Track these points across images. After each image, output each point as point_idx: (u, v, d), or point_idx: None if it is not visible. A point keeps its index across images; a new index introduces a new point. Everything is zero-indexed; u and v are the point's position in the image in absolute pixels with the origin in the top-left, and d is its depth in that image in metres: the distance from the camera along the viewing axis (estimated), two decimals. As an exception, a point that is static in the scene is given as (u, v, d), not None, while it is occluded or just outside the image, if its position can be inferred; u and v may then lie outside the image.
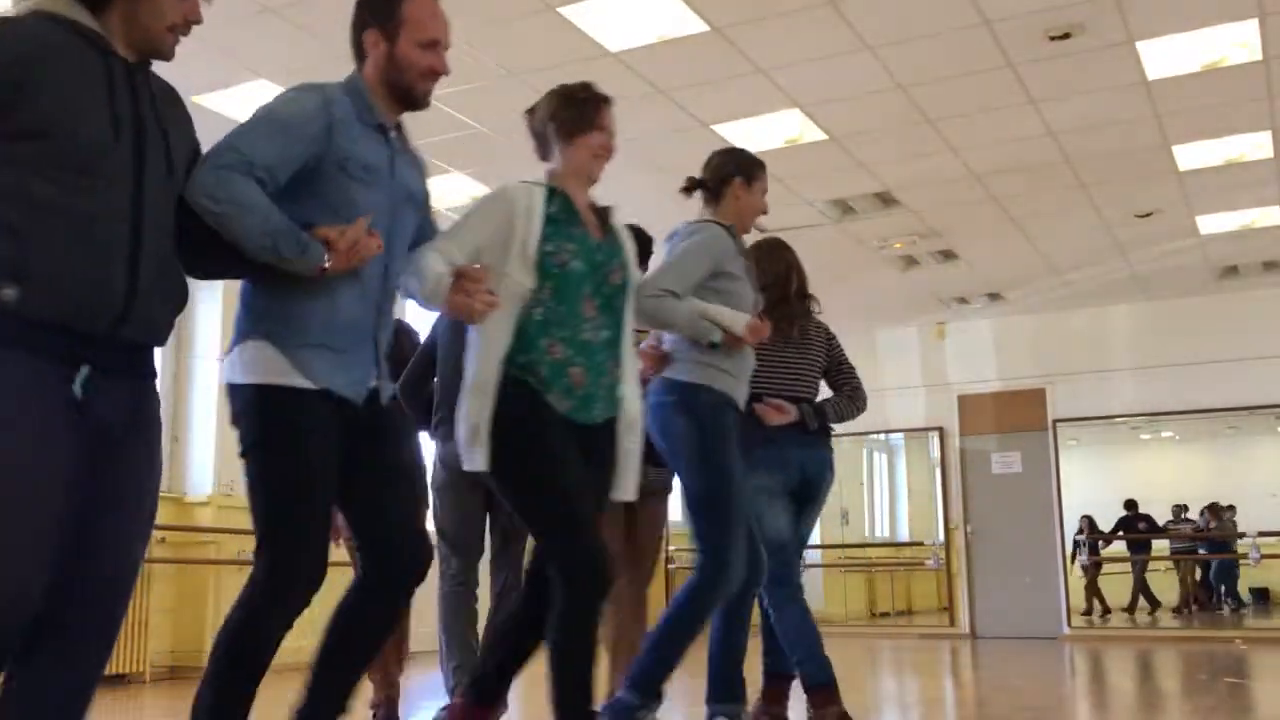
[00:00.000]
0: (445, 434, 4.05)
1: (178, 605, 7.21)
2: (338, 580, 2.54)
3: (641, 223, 9.32)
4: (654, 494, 3.98)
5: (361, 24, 2.51)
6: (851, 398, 4.05)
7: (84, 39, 1.91)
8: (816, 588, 13.64)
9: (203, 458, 7.49)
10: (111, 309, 1.88)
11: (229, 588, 7.36)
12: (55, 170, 1.83)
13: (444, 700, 4.07)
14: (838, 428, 3.96)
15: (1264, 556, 12.23)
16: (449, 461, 4.01)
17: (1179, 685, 6.68)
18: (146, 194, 1.94)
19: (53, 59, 1.85)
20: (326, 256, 2.24)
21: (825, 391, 4.10)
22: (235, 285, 7.49)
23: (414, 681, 5.56)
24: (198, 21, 2.06)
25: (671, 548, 12.39)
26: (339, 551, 7.81)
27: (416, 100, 2.49)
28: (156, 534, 6.96)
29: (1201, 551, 12.98)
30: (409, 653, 4.48)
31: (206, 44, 5.63)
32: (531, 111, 3.08)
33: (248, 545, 8.65)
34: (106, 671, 7.14)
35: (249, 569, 2.40)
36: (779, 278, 3.99)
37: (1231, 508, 12.33)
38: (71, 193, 1.83)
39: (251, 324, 2.35)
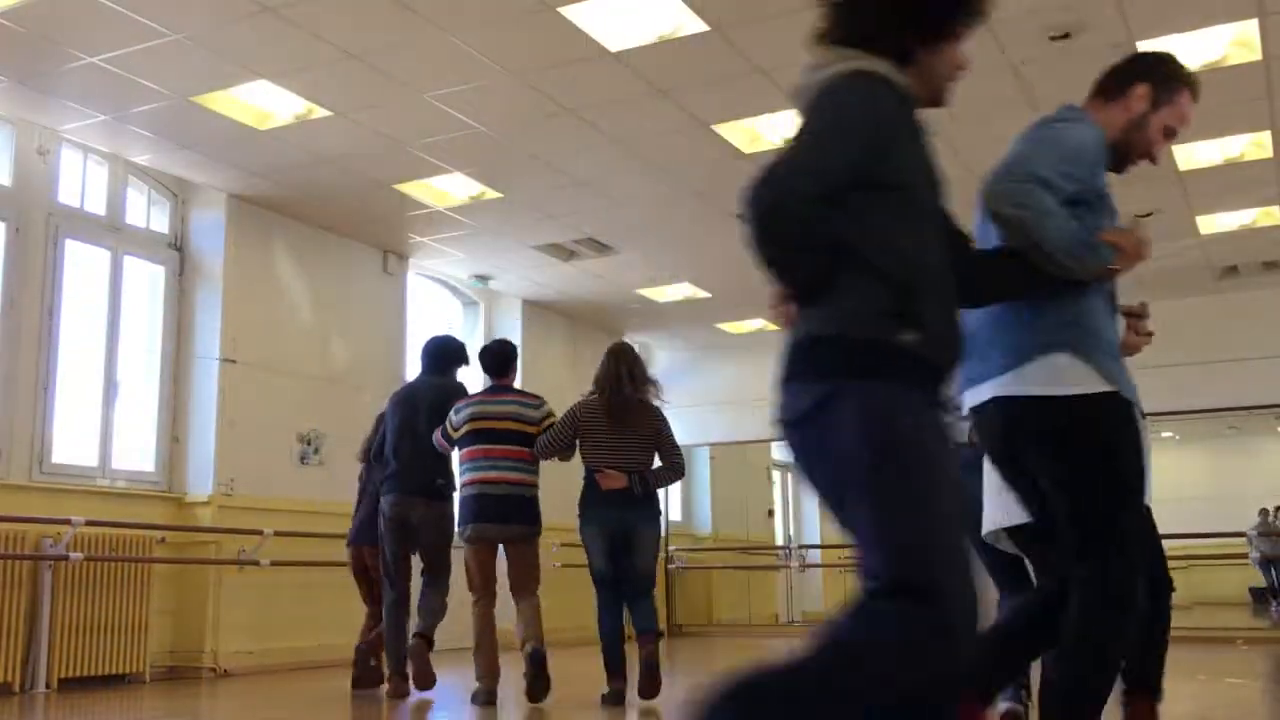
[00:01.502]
0: (388, 489, 5.83)
1: (178, 605, 7.21)
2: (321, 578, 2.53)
3: (642, 223, 9.36)
4: (524, 540, 5.48)
5: (1139, 74, 2.68)
6: (669, 470, 5.37)
7: (904, 96, 2.00)
8: (816, 588, 13.66)
9: (203, 458, 7.48)
10: (956, 347, 2.01)
11: (229, 587, 7.36)
12: (910, 222, 1.93)
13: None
14: None
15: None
16: (389, 512, 5.80)
17: (1179, 685, 6.66)
18: (947, 238, 2.08)
19: (899, 116, 1.97)
20: (1115, 257, 2.45)
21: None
22: (236, 287, 7.46)
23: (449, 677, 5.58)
24: (966, 68, 2.11)
25: (672, 548, 12.47)
26: (333, 553, 7.70)
27: (1125, 164, 2.70)
28: (155, 534, 6.97)
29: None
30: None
31: (206, 44, 5.63)
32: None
33: (247, 545, 8.60)
34: (106, 671, 7.08)
35: (249, 569, 2.39)
36: (615, 378, 5.28)
37: None
38: (921, 244, 1.94)
39: (1050, 336, 2.51)
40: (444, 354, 6.12)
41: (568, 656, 6.37)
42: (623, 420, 5.25)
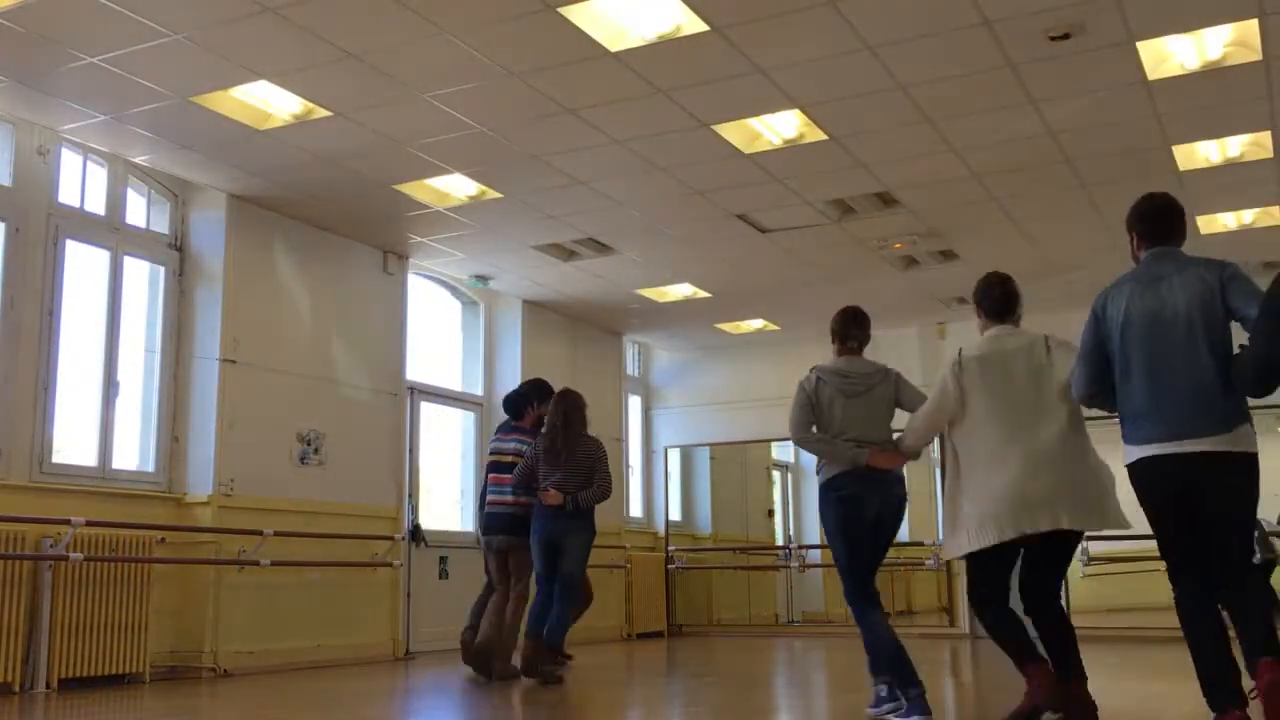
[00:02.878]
0: (478, 507, 7.39)
1: (178, 605, 7.21)
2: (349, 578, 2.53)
3: (641, 221, 9.32)
4: (516, 548, 6.91)
5: None
6: (597, 490, 6.68)
7: None
8: (816, 588, 13.65)
9: (203, 458, 7.47)
10: None
11: (229, 588, 7.36)
12: None
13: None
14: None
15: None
16: (480, 532, 7.32)
17: (1177, 684, 6.67)
18: None
19: None
20: None
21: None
22: (236, 287, 7.47)
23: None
24: None
25: (672, 548, 12.46)
26: (349, 553, 7.71)
27: None
28: (155, 534, 6.97)
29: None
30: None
31: (206, 44, 5.63)
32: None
33: (248, 545, 8.63)
34: (106, 671, 7.09)
35: (249, 569, 2.39)
36: (552, 426, 6.72)
37: None
38: None
39: (1244, 409, 3.58)
40: (513, 400, 7.46)
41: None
42: (561, 454, 6.69)
